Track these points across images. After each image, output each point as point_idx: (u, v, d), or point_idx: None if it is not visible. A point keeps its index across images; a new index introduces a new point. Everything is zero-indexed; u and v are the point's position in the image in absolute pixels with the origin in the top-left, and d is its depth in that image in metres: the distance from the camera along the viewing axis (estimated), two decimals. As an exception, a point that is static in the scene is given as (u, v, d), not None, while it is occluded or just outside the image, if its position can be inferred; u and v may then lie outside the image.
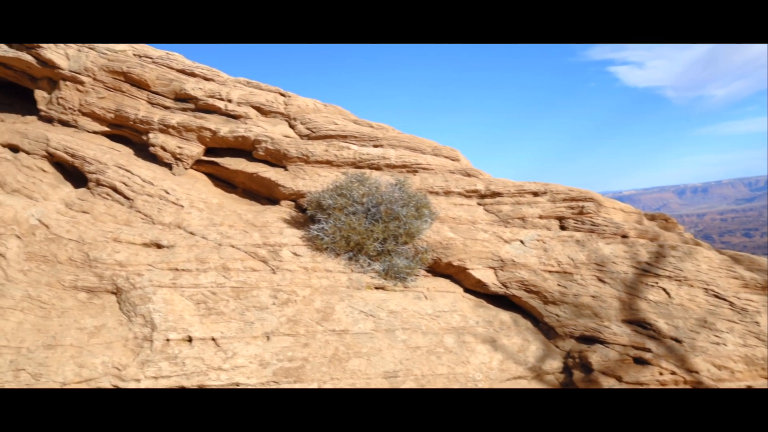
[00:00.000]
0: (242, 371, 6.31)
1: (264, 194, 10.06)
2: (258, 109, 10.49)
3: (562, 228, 9.06)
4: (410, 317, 7.45)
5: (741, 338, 7.10)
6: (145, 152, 10.30)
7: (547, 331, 7.84)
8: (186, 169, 10.08)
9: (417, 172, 9.99)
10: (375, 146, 10.14)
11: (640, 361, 7.01)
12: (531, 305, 8.02)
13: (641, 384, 6.71)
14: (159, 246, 7.84)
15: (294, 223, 8.74)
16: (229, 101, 10.36)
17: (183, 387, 6.05)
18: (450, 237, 8.55)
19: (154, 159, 10.14)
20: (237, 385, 6.17)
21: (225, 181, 10.44)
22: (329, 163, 9.82)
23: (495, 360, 7.21)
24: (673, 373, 6.75)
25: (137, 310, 6.80)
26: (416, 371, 6.76)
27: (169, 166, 10.04)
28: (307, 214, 8.80)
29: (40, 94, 10.99)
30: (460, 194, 9.64)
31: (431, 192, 9.58)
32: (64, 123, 10.64)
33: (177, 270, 7.39)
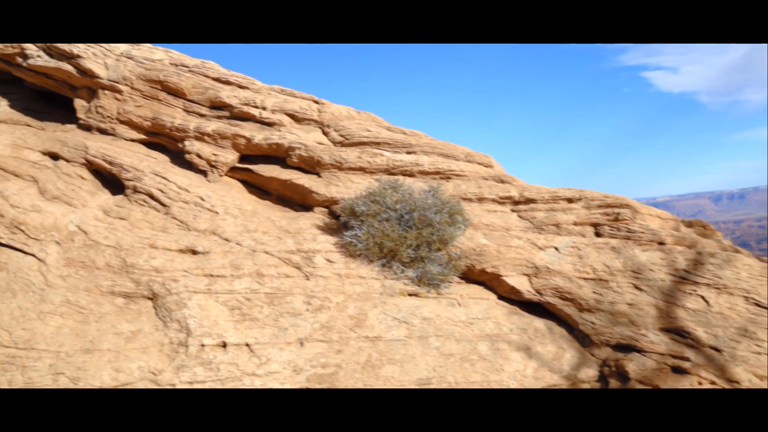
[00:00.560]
0: (276, 377, 6.34)
1: (297, 201, 10.12)
2: (292, 117, 10.55)
3: (597, 235, 8.94)
4: (444, 324, 7.42)
5: (784, 348, 6.93)
6: (181, 159, 10.44)
7: (582, 339, 7.73)
8: (221, 176, 10.20)
9: (450, 179, 9.94)
10: (408, 153, 10.12)
11: (678, 371, 6.87)
12: (566, 313, 7.93)
13: (680, 394, 6.59)
14: (194, 252, 7.93)
15: (327, 230, 8.77)
16: (264, 109, 10.44)
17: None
18: (483, 243, 8.50)
19: (190, 166, 10.27)
20: (271, 391, 6.20)
21: (259, 188, 10.52)
22: (362, 170, 9.84)
23: (529, 368, 7.14)
24: (713, 383, 6.60)
25: (173, 316, 6.88)
26: (450, 378, 6.72)
27: (204, 173, 10.16)
28: (341, 221, 8.83)
29: (80, 103, 11.21)
30: (494, 201, 9.57)
31: (464, 198, 9.52)
32: (102, 131, 10.83)
33: (212, 276, 7.46)
